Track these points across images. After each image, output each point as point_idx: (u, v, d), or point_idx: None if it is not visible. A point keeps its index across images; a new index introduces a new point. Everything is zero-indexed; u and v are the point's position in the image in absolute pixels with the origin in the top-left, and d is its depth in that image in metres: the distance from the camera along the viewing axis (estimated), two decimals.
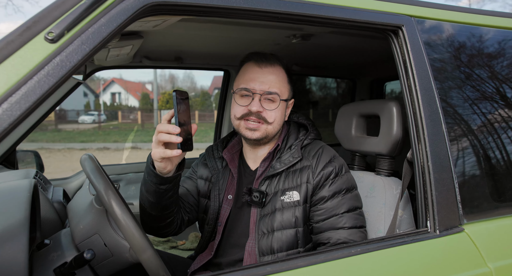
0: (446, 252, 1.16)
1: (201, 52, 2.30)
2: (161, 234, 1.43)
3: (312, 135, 1.47)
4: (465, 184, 1.26)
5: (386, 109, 1.53)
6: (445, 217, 1.19)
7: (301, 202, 1.32)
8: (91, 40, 0.82)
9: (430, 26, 1.33)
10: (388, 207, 1.48)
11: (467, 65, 1.40)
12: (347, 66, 2.78)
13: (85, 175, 2.51)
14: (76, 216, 1.13)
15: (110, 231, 1.06)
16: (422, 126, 1.22)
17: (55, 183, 2.29)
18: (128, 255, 1.06)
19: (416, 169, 1.23)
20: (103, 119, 31.84)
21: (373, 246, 1.07)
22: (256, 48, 2.23)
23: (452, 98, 1.32)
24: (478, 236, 1.20)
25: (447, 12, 1.38)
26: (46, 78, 0.75)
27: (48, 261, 1.03)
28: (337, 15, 1.17)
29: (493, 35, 1.47)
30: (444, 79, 1.31)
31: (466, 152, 1.31)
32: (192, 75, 50.54)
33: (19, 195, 1.03)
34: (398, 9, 1.28)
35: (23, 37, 0.76)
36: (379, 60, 2.65)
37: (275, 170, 1.36)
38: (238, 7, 1.00)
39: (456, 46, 1.38)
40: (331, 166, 1.35)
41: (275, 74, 1.39)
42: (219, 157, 1.53)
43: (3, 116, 0.70)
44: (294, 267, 0.94)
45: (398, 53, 1.29)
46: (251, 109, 1.34)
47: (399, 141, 1.49)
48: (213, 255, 1.43)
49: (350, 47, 2.26)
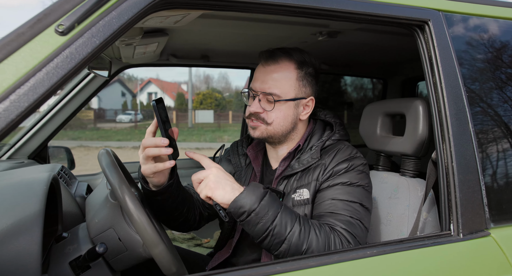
0: (469, 257, 1.09)
1: (227, 50, 2.30)
2: (180, 229, 1.44)
3: (337, 136, 1.37)
4: (492, 186, 1.18)
5: (412, 108, 1.46)
6: (470, 220, 1.12)
7: (310, 200, 1.26)
8: (101, 33, 0.82)
9: (459, 20, 1.26)
10: (412, 209, 1.42)
11: (498, 63, 1.31)
12: (377, 64, 2.70)
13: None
14: (92, 209, 1.15)
15: (125, 225, 1.06)
16: (447, 125, 1.15)
17: (83, 179, 2.35)
18: (142, 250, 1.06)
19: (440, 169, 1.17)
20: (139, 118, 32.79)
21: (390, 248, 1.02)
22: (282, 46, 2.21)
23: (480, 97, 1.25)
24: (506, 241, 1.13)
25: (478, 6, 1.30)
26: (55, 70, 0.77)
27: (64, 254, 1.06)
28: (358, 9, 1.12)
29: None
30: (472, 77, 1.24)
31: (495, 152, 1.23)
32: (226, 76, 51.08)
33: (35, 187, 1.06)
34: (425, 2, 1.21)
35: (33, 30, 0.78)
36: (410, 59, 2.55)
37: (293, 169, 1.32)
38: (253, 1, 0.98)
39: (487, 43, 1.29)
40: (344, 164, 1.26)
41: (279, 72, 1.30)
42: (243, 153, 1.51)
43: (10, 107, 0.71)
44: (306, 266, 0.91)
45: (424, 50, 1.23)
46: (250, 110, 1.31)
47: (424, 141, 1.42)
48: (231, 253, 1.41)
49: (379, 45, 2.18)
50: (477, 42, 1.27)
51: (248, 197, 1.07)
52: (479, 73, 1.26)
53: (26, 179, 1.16)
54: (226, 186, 1.10)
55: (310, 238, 1.09)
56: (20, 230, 0.91)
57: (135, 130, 24.41)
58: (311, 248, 1.08)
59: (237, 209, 1.07)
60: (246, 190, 1.09)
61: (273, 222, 1.07)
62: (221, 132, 20.24)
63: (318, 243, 1.09)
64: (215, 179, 1.10)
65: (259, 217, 1.06)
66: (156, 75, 54.68)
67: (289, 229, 1.08)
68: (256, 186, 1.12)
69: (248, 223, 1.08)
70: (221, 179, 1.11)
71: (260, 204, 1.07)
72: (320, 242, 1.09)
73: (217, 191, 1.09)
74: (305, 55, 1.36)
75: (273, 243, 1.08)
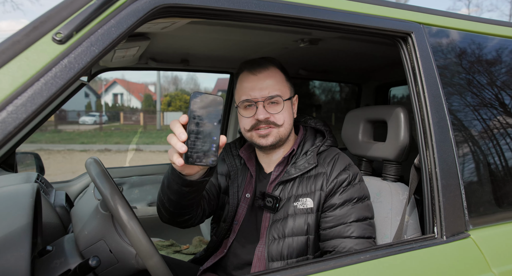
0: (452, 258, 1.15)
1: (208, 55, 2.30)
2: (181, 225, 1.38)
3: (329, 142, 1.45)
4: (471, 190, 1.25)
5: (394, 115, 1.52)
6: (452, 223, 1.18)
7: (314, 209, 1.31)
8: (100, 42, 0.80)
9: (438, 33, 1.32)
10: (394, 212, 1.47)
11: (473, 72, 1.39)
12: (353, 71, 2.77)
13: (87, 177, 2.51)
14: (80, 221, 1.11)
15: (116, 237, 1.04)
16: (430, 133, 1.20)
17: (57, 186, 2.27)
18: (134, 261, 1.04)
19: (423, 175, 1.22)
20: (104, 120, 31.86)
21: (381, 252, 1.06)
22: (263, 52, 2.22)
23: (459, 105, 1.31)
24: (483, 241, 1.20)
25: (455, 20, 1.38)
26: (54, 80, 0.74)
27: (50, 269, 1.01)
28: (348, 20, 1.16)
29: (499, 44, 1.47)
30: (451, 86, 1.30)
31: (473, 158, 1.30)
32: (195, 77, 50.59)
33: (21, 200, 1.01)
34: (408, 16, 1.27)
35: (29, 38, 0.75)
36: (384, 66, 2.64)
37: (289, 175, 1.34)
38: (249, 11, 0.99)
39: (462, 54, 1.37)
40: (345, 174, 1.34)
41: (271, 77, 1.37)
42: (236, 154, 1.54)
43: (8, 119, 0.69)
44: (304, 273, 0.93)
45: (407, 60, 1.28)
46: (258, 118, 1.32)
47: (406, 147, 1.48)
48: (225, 253, 1.42)
49: (356, 52, 2.25)
50: (454, 53, 1.35)
51: None
52: (457, 83, 1.33)
53: (9, 191, 1.11)
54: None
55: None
56: (7, 245, 0.87)
57: (100, 133, 23.67)
58: None
59: None
60: None
61: None
62: None
63: None
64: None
65: None
66: (122, 76, 53.33)
67: None
68: None
69: None
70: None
71: None
72: None
73: None
74: (278, 61, 1.47)
75: None
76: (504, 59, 1.47)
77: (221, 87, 38.82)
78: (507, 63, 1.48)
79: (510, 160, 1.40)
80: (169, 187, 1.14)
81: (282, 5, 1.05)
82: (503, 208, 1.32)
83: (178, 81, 51.78)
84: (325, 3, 1.12)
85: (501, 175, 1.37)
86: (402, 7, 1.28)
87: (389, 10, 1.25)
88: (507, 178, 1.38)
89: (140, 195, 2.50)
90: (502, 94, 1.44)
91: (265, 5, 1.02)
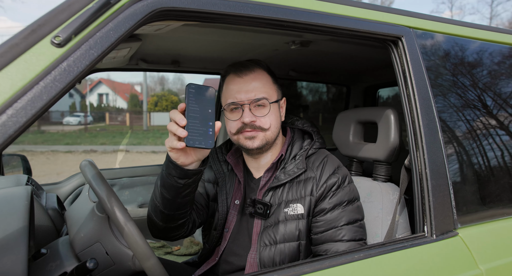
0: (442, 256, 1.18)
1: (198, 56, 2.30)
2: (171, 237, 1.38)
3: (317, 145, 1.45)
4: (459, 190, 1.28)
5: (384, 117, 1.55)
6: (441, 222, 1.21)
7: (305, 215, 1.31)
8: (99, 45, 0.81)
9: (427, 37, 1.36)
10: (385, 211, 1.50)
11: (460, 75, 1.43)
12: (342, 72, 2.80)
13: (76, 179, 2.49)
14: (76, 224, 1.11)
15: (112, 239, 1.04)
16: (421, 134, 1.24)
17: (46, 188, 2.24)
18: (131, 263, 1.04)
19: (414, 175, 1.25)
20: (89, 121, 31.42)
21: (374, 251, 1.09)
22: (254, 53, 2.24)
23: (446, 107, 1.35)
24: (471, 239, 1.24)
25: (442, 24, 1.41)
26: (53, 83, 0.74)
27: (46, 272, 1.01)
28: (340, 24, 1.18)
29: (483, 48, 1.52)
30: (439, 89, 1.34)
31: (460, 159, 1.34)
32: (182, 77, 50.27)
33: (16, 203, 1.01)
34: (399, 20, 1.30)
35: (28, 41, 0.75)
36: (373, 68, 2.68)
37: (279, 180, 1.34)
38: (245, 15, 1.00)
39: (450, 57, 1.41)
40: (334, 177, 1.34)
41: (258, 79, 1.36)
42: (223, 160, 1.51)
43: (8, 122, 0.68)
44: (300, 273, 0.95)
45: (397, 63, 1.31)
46: (244, 121, 1.31)
47: (396, 148, 1.51)
48: (217, 260, 1.42)
49: (346, 54, 2.28)
50: (442, 57, 1.38)
51: None
52: (444, 86, 1.36)
53: (3, 194, 1.10)
54: None
55: None
56: (4, 248, 0.86)
57: (85, 134, 23.33)
58: None
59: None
60: None
61: None
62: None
63: None
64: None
65: None
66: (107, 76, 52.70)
67: None
68: None
69: None
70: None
71: None
72: None
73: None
74: (265, 63, 1.45)
75: None
76: (488, 62, 1.52)
77: None
78: (491, 66, 1.53)
79: (494, 160, 1.45)
80: (164, 185, 1.17)
81: (277, 9, 1.07)
82: (488, 206, 1.36)
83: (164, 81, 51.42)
84: (320, 7, 1.15)
85: (486, 174, 1.41)
86: (392, 12, 1.31)
87: (381, 14, 1.28)
88: (492, 177, 1.43)
89: (130, 196, 2.48)
90: (487, 96, 1.48)
91: (260, 9, 1.03)
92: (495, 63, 1.53)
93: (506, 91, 1.52)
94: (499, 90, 1.51)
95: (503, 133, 1.48)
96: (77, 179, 2.46)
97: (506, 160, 1.47)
